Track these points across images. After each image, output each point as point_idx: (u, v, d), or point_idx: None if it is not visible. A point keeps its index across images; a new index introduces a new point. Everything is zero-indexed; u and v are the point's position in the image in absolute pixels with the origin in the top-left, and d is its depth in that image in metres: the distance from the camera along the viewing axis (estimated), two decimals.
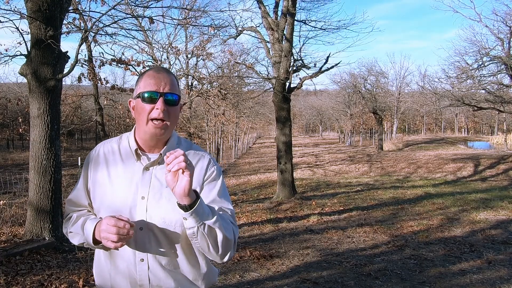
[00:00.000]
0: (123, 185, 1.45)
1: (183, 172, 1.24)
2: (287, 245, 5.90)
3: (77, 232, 1.48)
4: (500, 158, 18.55)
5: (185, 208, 1.27)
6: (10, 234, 5.83)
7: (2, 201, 6.76)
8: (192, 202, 1.27)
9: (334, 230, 6.77)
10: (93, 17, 6.63)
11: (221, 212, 1.44)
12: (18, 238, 5.54)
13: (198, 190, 1.45)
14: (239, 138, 32.25)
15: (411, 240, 5.95)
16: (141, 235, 1.41)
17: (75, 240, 1.51)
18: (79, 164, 7.40)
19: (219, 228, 1.33)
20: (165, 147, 1.47)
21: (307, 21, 11.46)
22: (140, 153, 1.47)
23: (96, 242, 1.42)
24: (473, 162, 17.91)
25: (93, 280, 4.03)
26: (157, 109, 1.39)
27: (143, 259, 1.43)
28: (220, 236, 1.34)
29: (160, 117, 1.39)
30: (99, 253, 1.52)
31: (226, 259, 1.41)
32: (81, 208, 1.56)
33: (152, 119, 1.40)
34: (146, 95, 1.41)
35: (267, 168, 20.60)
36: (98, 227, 1.38)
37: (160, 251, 1.43)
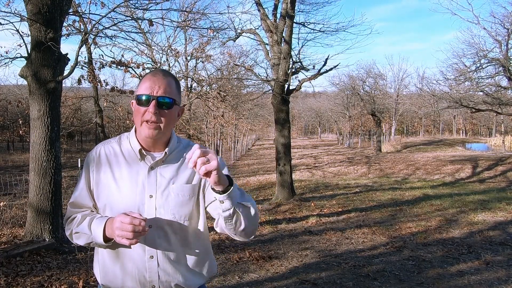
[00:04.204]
0: (129, 185, 1.48)
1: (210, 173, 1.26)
2: (286, 246, 5.93)
3: (84, 232, 1.49)
4: (498, 159, 18.60)
5: (219, 192, 1.33)
6: (10, 235, 5.85)
7: (2, 202, 6.77)
8: (225, 188, 1.32)
9: (332, 231, 6.80)
10: (93, 20, 6.64)
11: None
12: (18, 239, 5.56)
13: (197, 182, 1.53)
14: (238, 139, 32.25)
15: (410, 241, 5.98)
16: (150, 233, 1.45)
17: (81, 241, 1.52)
18: (79, 165, 7.42)
19: (251, 205, 1.42)
20: (169, 146, 1.53)
21: (306, 23, 11.50)
22: (145, 153, 1.51)
23: (106, 240, 1.44)
24: (471, 163, 17.95)
25: (93, 281, 4.09)
26: (149, 112, 1.43)
27: (152, 256, 1.46)
28: (252, 211, 1.42)
29: (151, 120, 1.43)
30: (102, 253, 1.53)
31: (253, 236, 1.50)
32: (85, 210, 1.57)
33: (144, 121, 1.45)
34: (140, 97, 1.46)
35: (266, 170, 20.60)
36: (110, 225, 1.40)
37: (169, 246, 1.47)
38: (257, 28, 11.71)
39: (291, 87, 10.92)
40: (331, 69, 10.74)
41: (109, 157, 1.54)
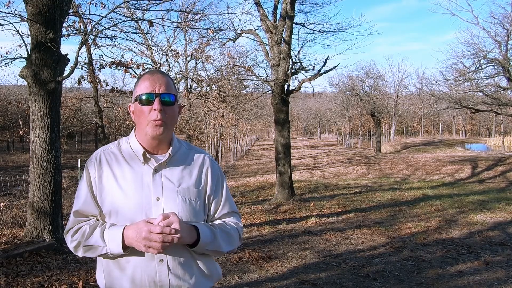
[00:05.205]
0: (133, 188, 1.45)
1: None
2: (286, 246, 5.93)
3: (97, 245, 1.42)
4: (498, 160, 18.61)
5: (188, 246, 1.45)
6: (10, 235, 5.85)
7: (2, 203, 6.78)
8: (193, 242, 1.43)
9: (332, 232, 6.81)
10: (93, 20, 6.66)
11: (224, 222, 1.60)
12: (18, 239, 5.56)
13: (203, 187, 1.55)
14: (238, 140, 32.27)
15: (409, 242, 5.99)
16: None
17: (91, 253, 1.46)
18: (79, 166, 7.44)
19: (221, 246, 1.52)
20: (171, 147, 1.52)
21: (305, 24, 11.53)
22: (149, 156, 1.49)
23: (124, 249, 1.40)
24: (471, 164, 17.97)
25: (93, 281, 4.08)
26: (154, 110, 1.43)
27: (162, 260, 1.42)
28: (223, 250, 1.54)
29: (158, 118, 1.42)
30: (107, 260, 1.48)
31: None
32: (90, 218, 1.50)
33: (150, 120, 1.44)
34: (142, 97, 1.45)
35: (266, 170, 20.62)
36: (130, 232, 1.37)
37: (179, 250, 1.44)
38: (257, 29, 11.75)
39: (290, 88, 10.94)
40: (330, 69, 10.78)
41: (110, 162, 1.50)
